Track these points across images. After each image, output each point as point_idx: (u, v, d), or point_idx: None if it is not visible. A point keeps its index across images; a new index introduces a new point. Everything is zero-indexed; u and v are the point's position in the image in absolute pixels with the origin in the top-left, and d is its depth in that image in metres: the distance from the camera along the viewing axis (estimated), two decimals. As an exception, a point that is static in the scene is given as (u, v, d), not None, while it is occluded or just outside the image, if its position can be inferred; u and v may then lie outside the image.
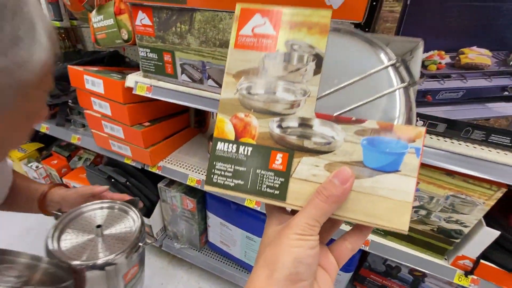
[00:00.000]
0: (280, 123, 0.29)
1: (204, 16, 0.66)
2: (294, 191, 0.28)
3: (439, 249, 0.74)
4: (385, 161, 0.26)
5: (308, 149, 0.28)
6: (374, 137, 0.27)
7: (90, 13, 0.95)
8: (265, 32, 0.30)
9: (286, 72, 0.29)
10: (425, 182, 0.65)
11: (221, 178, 0.30)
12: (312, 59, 0.29)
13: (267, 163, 0.29)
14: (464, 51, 0.52)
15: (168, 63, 0.78)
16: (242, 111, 0.30)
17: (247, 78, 0.30)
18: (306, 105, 0.29)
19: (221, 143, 0.30)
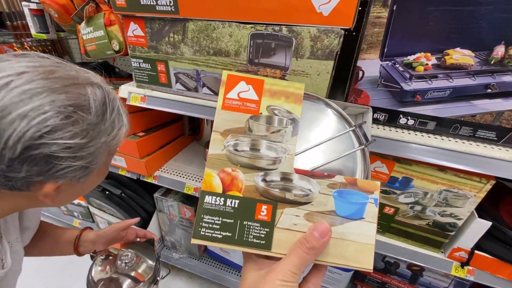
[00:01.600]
0: (264, 177, 0.32)
1: (197, 25, 0.67)
2: (278, 240, 0.31)
3: (436, 242, 0.76)
4: (352, 210, 0.31)
5: (289, 201, 0.32)
6: (343, 190, 0.31)
7: (79, 25, 0.94)
8: (249, 97, 0.35)
9: (268, 133, 0.34)
10: (419, 178, 0.68)
11: (209, 231, 0.32)
12: (290, 123, 0.34)
13: (253, 214, 0.31)
14: (449, 52, 0.55)
15: (162, 72, 0.78)
16: (229, 166, 0.33)
17: (233, 136, 0.34)
18: (286, 162, 0.33)
19: (209, 197, 0.32)
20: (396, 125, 0.65)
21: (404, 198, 0.72)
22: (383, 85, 0.62)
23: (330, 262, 0.30)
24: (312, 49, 0.60)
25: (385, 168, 0.69)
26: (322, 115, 0.37)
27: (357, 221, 0.31)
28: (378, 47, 0.58)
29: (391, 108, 0.63)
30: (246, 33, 0.63)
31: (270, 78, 0.37)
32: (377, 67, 0.60)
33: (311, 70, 0.62)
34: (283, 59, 0.63)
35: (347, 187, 0.32)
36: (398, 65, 0.59)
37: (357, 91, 0.64)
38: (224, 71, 0.37)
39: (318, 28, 0.58)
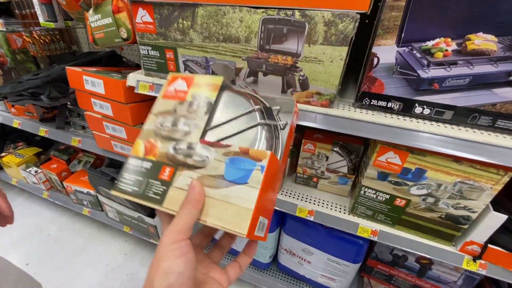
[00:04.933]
0: (175, 146, 0.39)
1: (206, 11, 0.65)
2: (170, 197, 0.35)
3: (447, 235, 0.75)
4: (238, 175, 0.34)
5: (188, 165, 0.36)
6: (235, 157, 0.35)
7: (86, 12, 0.93)
8: (181, 89, 0.44)
9: (187, 113, 0.42)
10: (433, 169, 0.66)
11: (124, 185, 0.38)
12: (205, 105, 0.42)
13: (157, 174, 0.37)
14: (470, 38, 0.52)
15: (171, 60, 0.77)
16: (153, 137, 0.40)
17: (163, 116, 0.42)
18: (194, 134, 0.39)
19: (132, 159, 0.40)
20: (411, 114, 0.63)
21: (417, 190, 0.70)
22: (399, 72, 0.59)
23: (209, 222, 0.32)
24: (325, 34, 0.58)
25: (397, 159, 0.68)
26: (240, 101, 0.43)
27: (242, 185, 0.33)
28: (395, 32, 0.56)
29: (406, 97, 0.61)
30: (257, 18, 0.61)
31: (199, 75, 0.45)
32: (393, 54, 0.58)
33: (324, 57, 0.60)
34: (295, 45, 0.62)
35: (239, 155, 0.35)
36: (416, 51, 0.57)
37: (371, 78, 0.62)
38: (170, 72, 0.46)
39: (332, 12, 0.55)
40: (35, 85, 0.99)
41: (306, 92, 0.66)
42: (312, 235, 0.99)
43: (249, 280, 1.23)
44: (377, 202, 0.77)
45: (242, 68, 0.70)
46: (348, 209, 0.87)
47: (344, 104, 0.69)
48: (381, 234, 0.80)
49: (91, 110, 1.00)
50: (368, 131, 0.63)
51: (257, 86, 0.71)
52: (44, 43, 1.31)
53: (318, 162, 0.87)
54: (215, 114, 0.41)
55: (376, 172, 0.72)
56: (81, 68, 0.96)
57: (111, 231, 1.61)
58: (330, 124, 0.66)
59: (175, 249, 0.28)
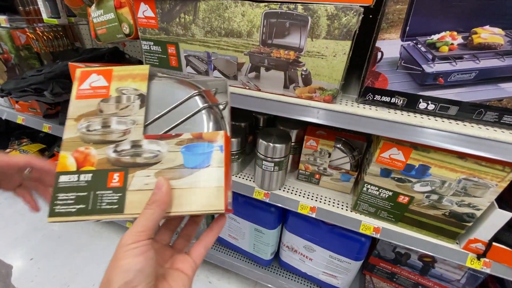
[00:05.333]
0: (115, 148, 0.35)
1: (208, 5, 0.65)
2: (131, 202, 0.32)
3: (451, 233, 0.74)
4: (198, 160, 0.34)
5: (140, 164, 0.34)
6: (190, 144, 0.35)
7: (89, 8, 0.93)
8: (100, 85, 0.39)
9: (118, 110, 0.37)
10: (437, 166, 0.65)
11: (63, 207, 0.33)
12: (137, 98, 0.38)
13: (105, 183, 0.33)
14: (477, 31, 0.51)
15: (172, 55, 0.77)
16: (82, 146, 0.35)
17: (86, 120, 0.37)
18: (135, 131, 0.36)
19: (63, 176, 0.34)
20: (415, 110, 0.62)
21: (420, 187, 0.69)
22: (403, 67, 0.58)
23: (184, 211, 0.32)
24: (328, 28, 0.57)
25: (401, 155, 0.67)
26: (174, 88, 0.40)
27: (205, 168, 0.33)
28: (399, 26, 0.55)
29: (410, 92, 0.60)
30: (259, 12, 0.61)
31: (119, 66, 0.41)
32: (397, 48, 0.57)
33: (327, 51, 0.60)
34: (298, 40, 0.61)
35: (194, 142, 0.35)
36: (421, 45, 0.56)
37: (374, 73, 0.61)
38: (77, 69, 0.41)
39: (336, 6, 0.55)
40: (38, 81, 1.00)
41: (309, 88, 0.66)
42: (314, 232, 0.99)
43: (250, 276, 1.23)
44: (379, 199, 0.76)
45: (244, 63, 0.69)
46: (350, 206, 0.86)
47: (347, 100, 0.68)
48: (384, 231, 0.79)
49: (94, 106, 1.00)
50: (371, 127, 0.63)
51: (259, 81, 0.70)
52: (47, 40, 1.31)
53: (320, 159, 0.87)
54: (151, 106, 0.38)
55: (379, 169, 0.71)
56: (84, 64, 0.96)
57: (114, 227, 1.62)
58: (333, 120, 0.65)
59: (134, 248, 0.28)
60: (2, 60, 1.29)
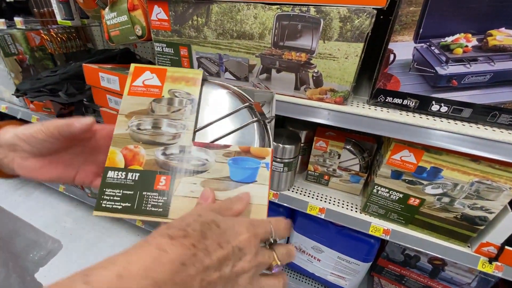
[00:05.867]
0: (164, 151, 0.35)
1: (221, 7, 0.66)
2: (175, 207, 0.33)
3: (462, 236, 0.73)
4: (245, 174, 0.34)
5: (187, 170, 0.34)
6: (237, 157, 0.34)
7: (103, 10, 0.95)
8: (153, 83, 0.39)
9: (169, 112, 0.38)
10: (449, 169, 0.64)
11: (110, 202, 0.33)
12: (189, 103, 0.38)
13: (152, 185, 0.34)
14: (492, 33, 0.51)
15: (185, 57, 0.78)
16: (131, 143, 0.36)
17: (137, 117, 0.37)
18: (185, 136, 0.36)
19: (111, 172, 0.34)
20: (427, 112, 0.62)
21: (432, 189, 0.69)
22: (416, 69, 0.58)
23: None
24: (341, 30, 0.57)
25: (412, 158, 0.67)
26: (225, 97, 0.41)
27: (250, 184, 0.33)
28: (413, 28, 0.55)
29: (423, 94, 0.60)
30: (272, 14, 0.61)
31: (173, 67, 0.41)
32: (410, 50, 0.57)
33: (338, 53, 0.60)
34: (310, 42, 0.61)
35: (241, 155, 0.35)
36: (434, 48, 0.55)
37: (386, 75, 0.61)
38: (132, 64, 0.41)
39: (348, 8, 0.55)
40: (53, 82, 1.02)
41: (320, 89, 0.66)
42: (322, 233, 0.99)
43: (258, 276, 1.24)
44: (390, 201, 0.76)
45: (255, 65, 0.70)
46: (360, 207, 0.86)
47: (358, 101, 0.68)
48: (394, 233, 0.79)
49: (107, 106, 1.02)
50: (383, 128, 0.63)
51: (270, 83, 0.71)
52: (61, 41, 1.34)
53: (330, 160, 0.87)
54: (201, 112, 0.38)
55: (389, 171, 0.71)
56: (97, 65, 0.98)
57: (124, 225, 1.65)
58: (344, 121, 0.65)
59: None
60: (18, 61, 1.33)
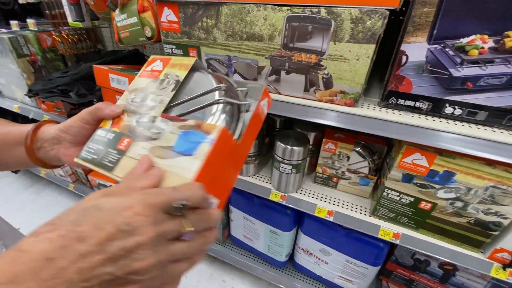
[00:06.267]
0: (138, 119, 0.41)
1: (231, 9, 0.65)
2: (122, 166, 0.36)
3: (475, 242, 0.72)
4: (186, 146, 0.34)
5: (145, 136, 0.38)
6: (189, 131, 0.36)
7: (113, 12, 0.97)
8: (157, 69, 0.47)
9: (157, 89, 0.44)
10: (463, 173, 0.63)
11: (86, 153, 0.40)
12: (173, 83, 0.43)
13: (116, 144, 0.39)
14: (509, 34, 0.49)
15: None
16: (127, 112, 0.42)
17: (134, 92, 0.45)
18: (158, 109, 0.41)
19: (100, 130, 0.42)
20: (440, 114, 0.61)
21: (444, 194, 0.68)
22: (429, 71, 0.57)
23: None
24: (352, 32, 0.57)
25: (424, 161, 0.65)
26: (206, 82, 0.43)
27: (187, 156, 0.33)
28: (427, 29, 0.54)
29: (436, 97, 0.59)
30: (282, 16, 0.61)
31: (176, 56, 0.48)
32: (424, 51, 0.56)
33: (349, 55, 0.59)
34: (320, 43, 0.61)
35: (193, 129, 0.36)
36: (448, 49, 0.54)
37: (398, 77, 0.60)
38: (152, 56, 0.50)
39: (360, 9, 0.54)
40: (64, 83, 1.04)
41: (330, 91, 0.65)
42: (330, 236, 0.98)
43: (265, 277, 1.24)
44: (400, 204, 0.75)
45: (264, 66, 0.70)
46: (369, 210, 0.85)
47: (369, 103, 0.67)
48: (404, 237, 0.77)
49: (116, 107, 1.03)
50: (394, 131, 0.62)
51: (279, 84, 0.71)
52: (72, 42, 1.37)
53: (339, 162, 0.86)
54: (182, 91, 0.43)
55: (400, 174, 0.70)
56: (107, 66, 0.99)
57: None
58: (355, 123, 0.64)
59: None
60: (30, 62, 1.35)
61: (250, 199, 1.07)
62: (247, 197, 1.08)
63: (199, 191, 0.29)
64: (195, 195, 0.28)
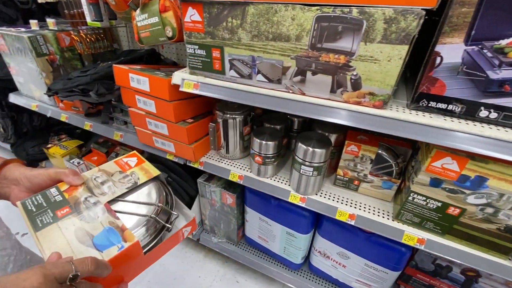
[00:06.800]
0: (87, 197, 0.48)
1: (257, 9, 0.65)
2: (46, 231, 0.41)
3: (504, 248, 0.69)
4: (102, 242, 0.40)
5: (81, 215, 0.44)
6: (113, 229, 0.43)
7: (134, 11, 0.97)
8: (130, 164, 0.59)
9: (118, 181, 0.53)
10: (496, 178, 0.61)
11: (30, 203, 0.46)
12: (132, 182, 0.53)
13: (56, 209, 0.45)
14: (554, 35, 0.47)
15: (217, 59, 0.77)
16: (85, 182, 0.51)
17: (101, 173, 0.54)
18: (107, 197, 0.49)
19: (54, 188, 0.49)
20: (474, 118, 0.59)
21: (475, 199, 0.66)
22: (465, 73, 0.55)
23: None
24: (385, 32, 0.55)
25: (455, 165, 0.63)
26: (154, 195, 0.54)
27: (97, 251, 0.39)
28: (464, 29, 0.52)
29: (470, 99, 0.57)
30: (311, 16, 0.60)
31: (147, 163, 0.59)
32: (460, 53, 0.54)
33: (381, 56, 0.58)
34: (350, 44, 0.59)
35: (117, 229, 0.43)
36: (486, 50, 0.52)
37: (431, 79, 0.58)
38: (134, 151, 0.63)
39: (394, 9, 0.53)
40: (84, 82, 1.05)
41: (358, 92, 0.64)
42: (349, 239, 0.96)
43: (279, 279, 1.23)
44: (426, 209, 0.73)
45: (290, 67, 0.69)
46: (392, 215, 0.83)
47: (398, 105, 0.66)
48: (429, 243, 0.76)
49: (135, 106, 1.03)
50: (425, 134, 0.60)
51: (304, 85, 0.70)
52: (90, 42, 1.38)
53: (361, 165, 0.85)
54: (133, 193, 0.52)
55: (428, 178, 0.68)
56: (127, 66, 1.00)
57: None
58: (383, 126, 0.63)
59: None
60: (49, 61, 1.37)
61: (267, 200, 1.07)
62: (264, 198, 1.07)
63: (90, 264, 0.35)
64: (86, 268, 0.35)
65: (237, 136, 1.01)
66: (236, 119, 0.97)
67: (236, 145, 1.03)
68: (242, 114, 0.97)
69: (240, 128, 0.99)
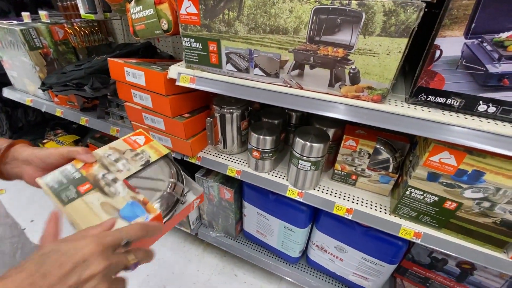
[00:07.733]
0: (105, 174, 0.49)
1: (254, 1, 0.63)
2: (73, 205, 0.43)
3: (499, 242, 0.70)
4: (129, 214, 0.43)
5: (103, 191, 0.46)
6: (136, 203, 0.45)
7: (128, 3, 0.95)
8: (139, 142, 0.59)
9: (130, 159, 0.54)
10: (493, 172, 0.61)
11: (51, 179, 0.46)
12: (144, 160, 0.55)
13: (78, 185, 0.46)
14: (555, 28, 0.47)
15: (213, 52, 0.76)
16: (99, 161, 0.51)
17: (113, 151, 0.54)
18: (124, 174, 0.50)
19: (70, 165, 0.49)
20: (473, 112, 0.58)
21: (471, 193, 0.66)
22: (464, 66, 0.55)
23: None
24: (384, 25, 0.54)
25: (452, 160, 0.63)
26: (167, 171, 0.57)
27: (127, 223, 0.42)
28: (464, 22, 0.51)
29: (469, 93, 0.57)
30: (309, 8, 0.59)
31: (155, 141, 0.60)
32: (459, 46, 0.53)
33: (380, 49, 0.57)
34: (348, 37, 0.58)
35: (140, 203, 0.45)
36: (486, 44, 0.52)
37: (430, 73, 0.58)
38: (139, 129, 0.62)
39: (394, 1, 0.52)
40: (79, 76, 1.03)
41: (356, 86, 0.63)
42: (347, 233, 0.97)
43: (277, 272, 1.24)
44: (423, 203, 0.73)
45: (287, 60, 0.68)
46: (389, 209, 0.83)
47: (396, 100, 0.65)
48: (425, 236, 0.76)
49: (131, 101, 1.02)
50: (423, 129, 0.60)
51: (302, 79, 0.69)
52: (84, 35, 1.35)
53: (359, 159, 0.84)
54: (146, 169, 0.54)
55: (425, 173, 0.68)
56: (123, 60, 0.98)
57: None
58: (381, 120, 0.63)
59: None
60: (42, 55, 1.34)
61: (265, 195, 1.07)
62: (262, 193, 1.07)
63: (138, 229, 0.37)
64: (135, 233, 0.37)
65: (235, 130, 1.00)
66: (233, 114, 0.96)
67: (234, 140, 1.03)
68: (240, 108, 0.96)
69: (238, 123, 0.98)
